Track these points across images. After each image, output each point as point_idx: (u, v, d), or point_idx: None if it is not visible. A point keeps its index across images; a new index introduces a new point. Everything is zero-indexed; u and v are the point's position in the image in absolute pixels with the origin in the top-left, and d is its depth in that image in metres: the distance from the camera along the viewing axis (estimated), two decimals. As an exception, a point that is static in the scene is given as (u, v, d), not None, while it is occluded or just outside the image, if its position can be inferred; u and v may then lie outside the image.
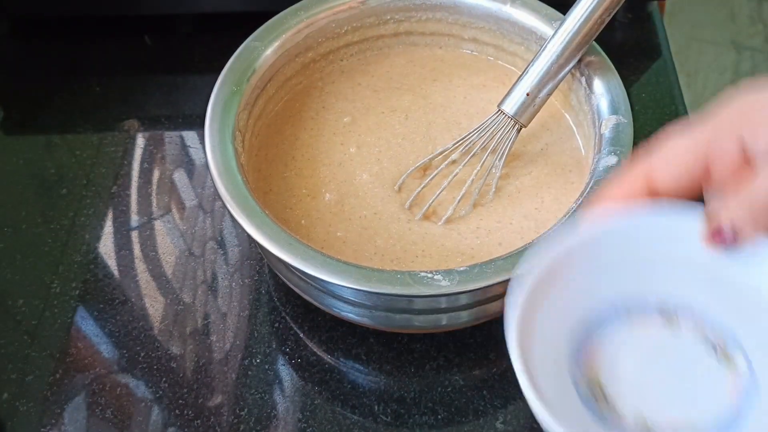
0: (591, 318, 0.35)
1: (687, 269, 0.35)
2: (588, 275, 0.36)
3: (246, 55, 0.49)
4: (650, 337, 0.35)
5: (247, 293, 0.50)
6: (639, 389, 0.34)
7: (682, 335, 0.35)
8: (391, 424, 0.45)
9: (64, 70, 0.64)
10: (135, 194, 0.55)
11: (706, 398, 0.33)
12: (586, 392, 0.34)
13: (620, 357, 0.35)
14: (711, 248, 0.34)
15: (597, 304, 0.36)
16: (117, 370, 0.47)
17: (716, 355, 0.34)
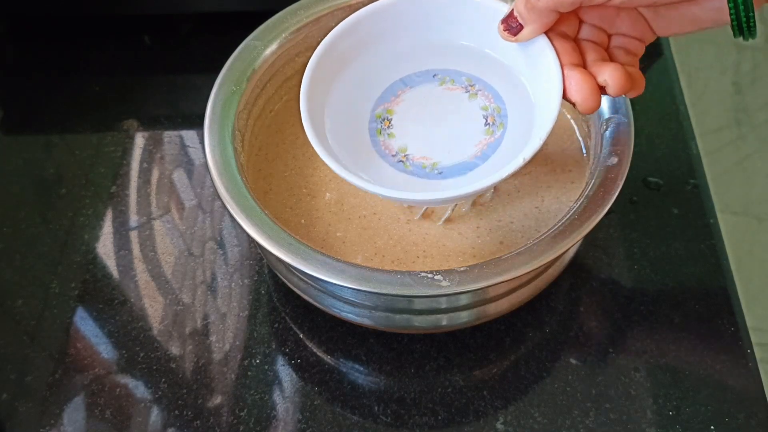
0: (411, 76, 0.44)
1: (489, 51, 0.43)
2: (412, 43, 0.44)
3: (246, 54, 0.49)
4: (448, 95, 0.43)
5: (247, 293, 0.50)
6: (416, 129, 0.43)
7: (473, 103, 0.43)
8: (391, 425, 0.45)
9: (63, 70, 0.64)
10: (134, 194, 0.55)
11: (458, 150, 0.42)
12: (378, 120, 0.43)
13: (417, 102, 0.43)
14: (501, 35, 0.39)
15: (418, 67, 0.44)
16: (116, 370, 0.47)
17: (486, 122, 0.42)
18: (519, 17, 0.38)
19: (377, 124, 0.43)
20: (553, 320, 0.49)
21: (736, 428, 0.44)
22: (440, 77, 0.43)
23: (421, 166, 0.42)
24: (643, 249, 0.51)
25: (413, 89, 0.43)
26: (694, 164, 0.55)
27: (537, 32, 0.38)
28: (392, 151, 0.42)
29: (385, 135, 0.43)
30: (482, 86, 0.43)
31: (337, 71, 0.43)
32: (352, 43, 0.43)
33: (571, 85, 0.38)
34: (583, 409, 0.45)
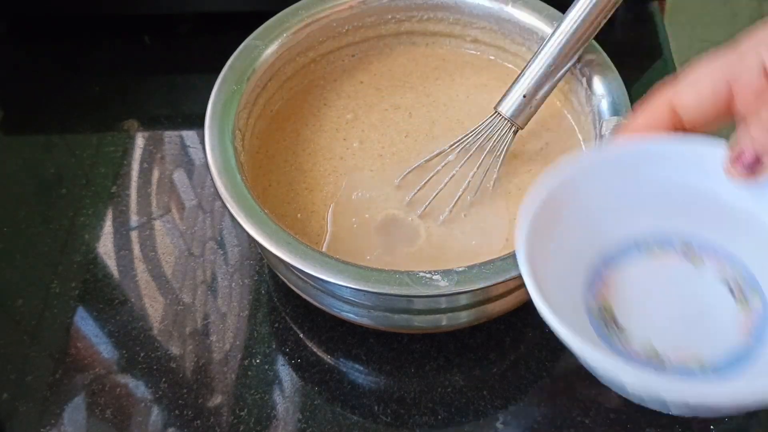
0: (610, 249, 0.35)
1: (709, 203, 0.34)
2: (606, 199, 0.35)
3: (246, 54, 0.49)
4: (669, 270, 0.34)
5: (247, 293, 0.50)
6: (650, 319, 0.33)
7: (702, 272, 0.34)
8: (391, 425, 0.45)
9: (63, 70, 0.64)
10: (134, 194, 0.55)
11: (717, 335, 0.33)
12: (597, 319, 0.34)
13: (636, 287, 0.34)
14: (733, 177, 0.32)
15: (617, 235, 0.35)
16: (116, 370, 0.47)
17: (733, 295, 0.33)
18: (757, 149, 0.31)
19: (601, 323, 0.34)
20: (553, 320, 0.49)
21: (736, 428, 0.44)
22: (644, 246, 0.35)
23: (686, 368, 0.32)
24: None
25: (620, 270, 0.34)
26: (693, 164, 0.55)
27: None
28: (638, 353, 0.33)
29: (616, 337, 0.33)
30: (704, 246, 0.34)
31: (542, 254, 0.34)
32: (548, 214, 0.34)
33: None
34: (583, 409, 0.45)
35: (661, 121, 0.33)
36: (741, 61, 0.32)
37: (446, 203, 0.47)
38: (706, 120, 0.33)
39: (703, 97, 0.33)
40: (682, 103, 0.33)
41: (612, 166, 0.35)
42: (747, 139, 0.32)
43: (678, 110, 0.33)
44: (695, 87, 0.33)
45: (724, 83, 0.32)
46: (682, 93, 0.33)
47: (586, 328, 0.33)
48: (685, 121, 0.33)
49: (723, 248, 0.34)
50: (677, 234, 0.35)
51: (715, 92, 0.32)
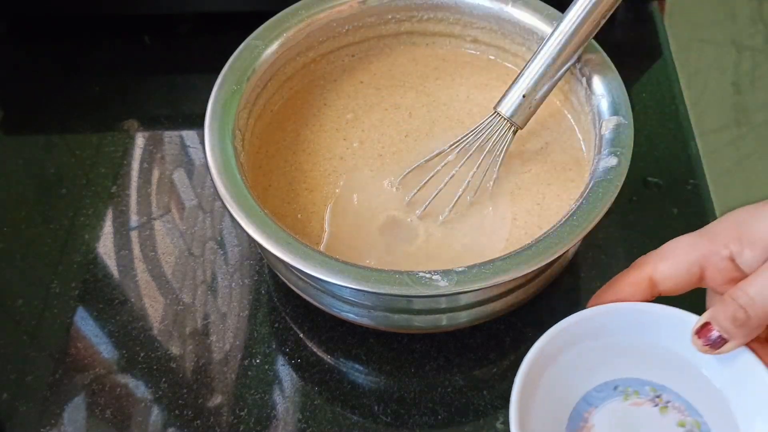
0: (592, 391, 0.40)
1: (678, 363, 0.40)
2: (589, 354, 0.40)
3: (246, 54, 0.49)
4: (639, 413, 0.40)
5: (247, 293, 0.50)
6: None
7: (667, 419, 0.39)
8: (391, 425, 0.45)
9: (63, 70, 0.64)
10: (134, 194, 0.55)
11: None
12: None
13: (610, 427, 0.39)
14: (696, 348, 0.38)
15: (599, 379, 0.41)
16: (116, 370, 0.47)
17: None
18: (722, 332, 0.37)
19: None
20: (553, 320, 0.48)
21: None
22: (622, 389, 0.40)
23: None
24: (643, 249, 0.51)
25: (599, 409, 0.40)
26: (693, 164, 0.55)
27: (741, 344, 0.38)
28: None
29: None
30: (670, 396, 0.40)
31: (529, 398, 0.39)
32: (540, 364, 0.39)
33: None
34: (583, 408, 0.45)
35: (642, 290, 0.40)
36: (712, 248, 0.38)
37: (446, 203, 0.47)
38: (679, 291, 0.39)
39: (679, 275, 0.39)
40: (660, 276, 0.39)
41: (598, 323, 0.40)
42: (712, 318, 0.38)
43: (656, 281, 0.39)
44: (672, 264, 0.39)
45: (697, 264, 0.38)
46: (661, 269, 0.39)
47: None
48: (660, 289, 0.40)
49: (686, 401, 0.40)
50: (650, 383, 0.40)
51: (689, 272, 0.39)
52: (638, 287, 0.40)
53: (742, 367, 0.38)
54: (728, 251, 0.38)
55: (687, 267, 0.39)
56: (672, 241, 0.40)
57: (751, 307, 0.36)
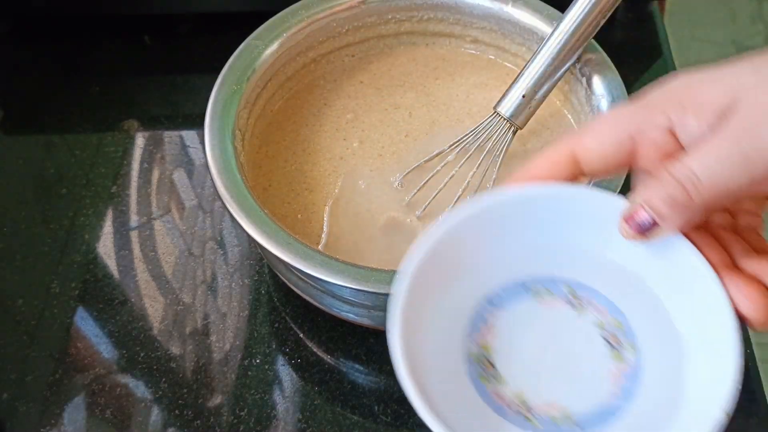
0: (497, 291, 0.35)
1: (599, 255, 0.34)
2: (495, 246, 0.35)
3: (246, 54, 0.49)
4: (552, 315, 0.34)
5: (247, 293, 0.50)
6: (525, 365, 0.33)
7: (583, 320, 0.34)
8: (391, 425, 0.45)
9: (63, 70, 0.64)
10: (134, 194, 0.55)
11: (588, 387, 0.33)
12: (476, 362, 0.34)
13: (517, 330, 0.34)
14: (624, 235, 0.32)
15: (505, 278, 0.35)
16: (116, 370, 0.47)
17: (610, 347, 0.33)
18: (652, 214, 0.31)
19: (477, 368, 0.33)
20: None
21: (737, 428, 0.44)
22: (533, 289, 0.34)
23: (551, 420, 0.32)
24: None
25: (504, 311, 0.34)
26: (693, 164, 0.55)
27: (677, 231, 0.31)
28: (507, 401, 0.33)
29: (492, 381, 0.33)
30: (588, 294, 0.34)
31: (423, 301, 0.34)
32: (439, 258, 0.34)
33: (739, 297, 0.30)
34: (583, 408, 0.45)
35: (561, 168, 0.33)
36: (648, 116, 0.32)
37: (446, 204, 0.47)
38: (606, 170, 0.33)
39: (606, 147, 0.32)
40: (583, 151, 0.33)
41: (505, 210, 0.34)
42: (644, 199, 0.31)
43: (579, 159, 0.33)
44: (598, 137, 0.32)
45: (628, 137, 0.32)
46: (585, 142, 0.33)
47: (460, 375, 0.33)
48: (585, 169, 0.33)
49: (606, 299, 0.34)
50: (565, 280, 0.35)
51: (618, 144, 0.32)
52: (557, 165, 0.33)
53: (675, 257, 0.32)
54: (667, 120, 0.31)
55: (616, 139, 0.32)
56: (603, 113, 0.34)
57: (694, 187, 0.29)
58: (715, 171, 0.29)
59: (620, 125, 0.32)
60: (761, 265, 0.31)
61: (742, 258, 0.32)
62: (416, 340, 0.33)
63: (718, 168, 0.29)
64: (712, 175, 0.29)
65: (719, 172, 0.29)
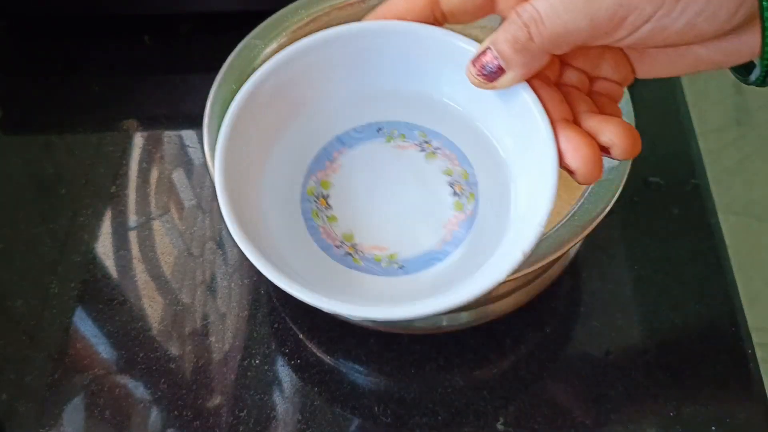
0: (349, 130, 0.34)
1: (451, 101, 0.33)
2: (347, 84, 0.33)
3: (246, 53, 0.49)
4: (401, 160, 0.33)
5: (247, 294, 0.50)
6: (362, 208, 0.32)
7: (432, 167, 0.33)
8: (391, 425, 0.45)
9: (62, 69, 0.64)
10: (134, 194, 0.55)
11: (421, 233, 0.32)
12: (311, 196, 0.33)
13: (362, 171, 0.33)
14: (469, 78, 0.31)
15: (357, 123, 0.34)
16: (116, 370, 0.47)
17: (454, 192, 0.33)
18: (499, 59, 0.30)
19: (311, 203, 0.33)
20: (553, 320, 0.49)
21: (737, 428, 0.44)
22: (386, 131, 0.34)
23: (374, 259, 0.32)
24: (643, 249, 0.51)
25: (353, 149, 0.33)
26: (694, 164, 0.55)
27: (521, 78, 0.31)
28: (335, 240, 0.32)
29: (323, 218, 0.32)
30: (441, 143, 0.34)
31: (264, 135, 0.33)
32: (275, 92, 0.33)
33: (568, 148, 0.30)
34: (584, 409, 0.45)
35: (418, 7, 0.32)
36: None
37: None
38: (465, 10, 0.32)
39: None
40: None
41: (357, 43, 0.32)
42: (491, 41, 0.30)
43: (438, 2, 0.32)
44: None
45: None
46: None
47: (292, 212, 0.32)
48: (444, 9, 0.32)
49: (458, 149, 0.33)
50: (419, 126, 0.34)
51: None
52: (415, 3, 0.31)
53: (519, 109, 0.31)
54: None
55: None
56: None
57: (535, 26, 0.29)
58: (557, 10, 0.28)
59: None
60: (600, 124, 0.31)
61: (584, 115, 0.31)
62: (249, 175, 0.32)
63: (561, 8, 0.28)
64: (553, 15, 0.28)
65: (560, 13, 0.28)
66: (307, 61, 0.33)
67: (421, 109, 0.34)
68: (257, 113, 0.32)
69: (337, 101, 0.34)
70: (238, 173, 0.31)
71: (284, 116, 0.33)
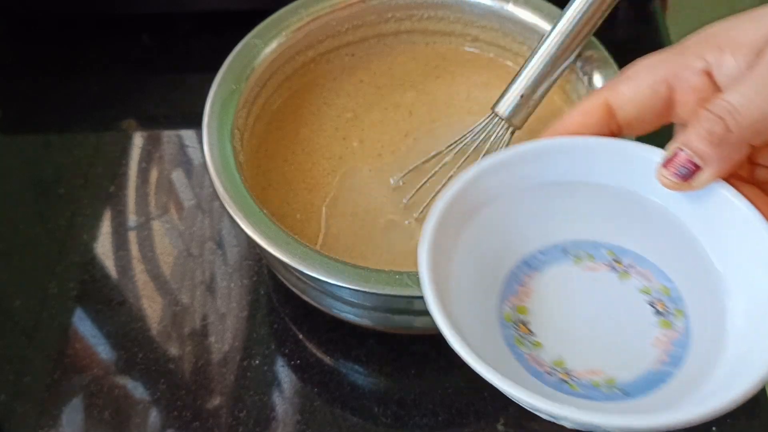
0: (534, 253, 0.33)
1: (642, 213, 0.33)
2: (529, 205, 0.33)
3: (245, 52, 0.49)
4: (593, 281, 0.33)
5: (246, 294, 0.50)
6: (565, 331, 0.31)
7: (628, 286, 0.32)
8: (391, 426, 0.45)
9: (61, 69, 0.64)
10: (133, 194, 0.55)
11: (633, 354, 0.31)
12: (510, 322, 0.32)
13: (556, 295, 0.32)
14: (664, 183, 0.30)
15: (543, 239, 0.33)
16: (115, 371, 0.47)
17: (657, 313, 0.32)
18: (694, 157, 0.29)
19: (512, 330, 0.32)
20: (554, 321, 0.49)
21: (738, 429, 0.44)
22: (572, 253, 0.33)
23: (592, 385, 0.30)
24: (644, 249, 0.51)
25: (542, 274, 0.33)
26: (696, 163, 0.55)
27: (720, 174, 0.29)
28: (545, 366, 0.31)
29: (528, 345, 0.31)
30: (631, 260, 0.33)
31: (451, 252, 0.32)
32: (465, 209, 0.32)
33: None
34: (585, 410, 0.45)
35: (595, 120, 0.32)
36: (684, 60, 0.31)
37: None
38: (642, 119, 0.32)
39: (641, 94, 0.31)
40: (618, 100, 0.32)
41: (537, 163, 0.33)
42: (681, 143, 0.30)
43: (614, 108, 0.32)
44: (633, 83, 0.32)
45: (664, 82, 0.31)
46: (619, 89, 0.32)
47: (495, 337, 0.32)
48: (620, 120, 0.32)
49: (651, 263, 0.33)
50: (606, 244, 0.33)
51: (653, 90, 0.31)
52: (592, 116, 0.32)
53: (720, 207, 0.30)
54: (704, 62, 0.30)
55: (651, 85, 0.31)
56: (635, 60, 0.32)
57: (732, 117, 0.28)
58: (752, 100, 0.28)
59: (656, 70, 0.31)
60: None
61: None
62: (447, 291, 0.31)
63: (757, 97, 0.28)
64: (750, 104, 0.28)
65: (757, 101, 0.28)
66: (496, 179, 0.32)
67: (607, 224, 0.33)
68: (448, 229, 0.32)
69: (521, 220, 0.33)
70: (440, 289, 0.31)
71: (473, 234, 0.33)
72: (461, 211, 0.32)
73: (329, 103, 0.53)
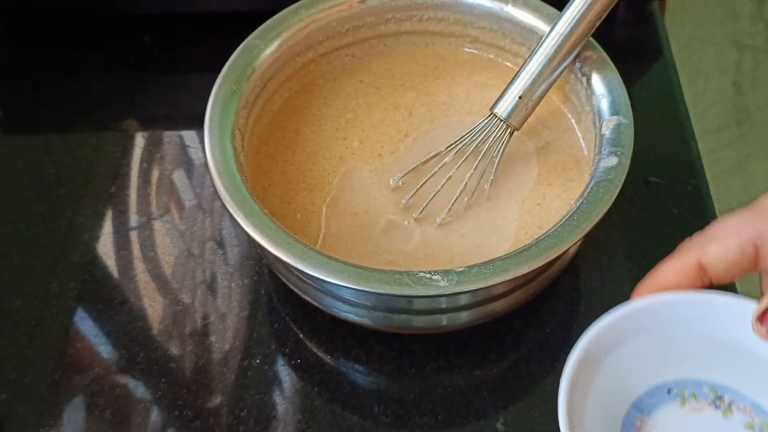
0: (643, 396, 0.37)
1: (740, 356, 0.36)
2: (636, 354, 0.37)
3: (246, 53, 0.49)
4: (699, 419, 0.36)
5: (247, 294, 0.50)
6: None
7: (731, 422, 0.36)
8: (391, 425, 0.45)
9: (62, 69, 0.64)
10: (134, 194, 0.55)
11: None
12: None
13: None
14: (759, 335, 0.34)
15: (650, 383, 0.37)
16: (116, 370, 0.47)
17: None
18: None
19: None
20: (553, 320, 0.49)
21: None
22: (677, 392, 0.36)
23: None
24: (643, 249, 0.51)
25: (651, 417, 0.36)
26: (694, 164, 0.55)
27: None
28: None
29: None
30: (732, 396, 0.36)
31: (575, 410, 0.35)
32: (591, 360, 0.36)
33: None
34: (584, 409, 0.45)
35: (689, 277, 0.36)
36: (766, 221, 0.34)
37: (443, 206, 0.47)
38: (730, 273, 0.35)
39: (731, 253, 0.35)
40: (709, 259, 0.35)
41: (645, 318, 0.36)
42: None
43: (705, 267, 0.35)
44: (722, 246, 0.35)
45: (750, 242, 0.34)
46: (710, 251, 0.35)
47: None
48: (711, 275, 0.36)
49: (751, 400, 0.36)
50: (708, 383, 0.36)
51: (742, 251, 0.35)
52: (685, 274, 0.36)
53: None
54: None
55: (739, 246, 0.35)
56: (717, 221, 0.36)
57: None
58: None
59: (742, 233, 0.35)
60: None
61: None
62: None
63: None
64: None
65: None
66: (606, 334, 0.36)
67: (705, 364, 0.36)
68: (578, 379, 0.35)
69: (629, 367, 0.37)
70: None
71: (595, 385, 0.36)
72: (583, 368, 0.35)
73: (329, 104, 0.53)
